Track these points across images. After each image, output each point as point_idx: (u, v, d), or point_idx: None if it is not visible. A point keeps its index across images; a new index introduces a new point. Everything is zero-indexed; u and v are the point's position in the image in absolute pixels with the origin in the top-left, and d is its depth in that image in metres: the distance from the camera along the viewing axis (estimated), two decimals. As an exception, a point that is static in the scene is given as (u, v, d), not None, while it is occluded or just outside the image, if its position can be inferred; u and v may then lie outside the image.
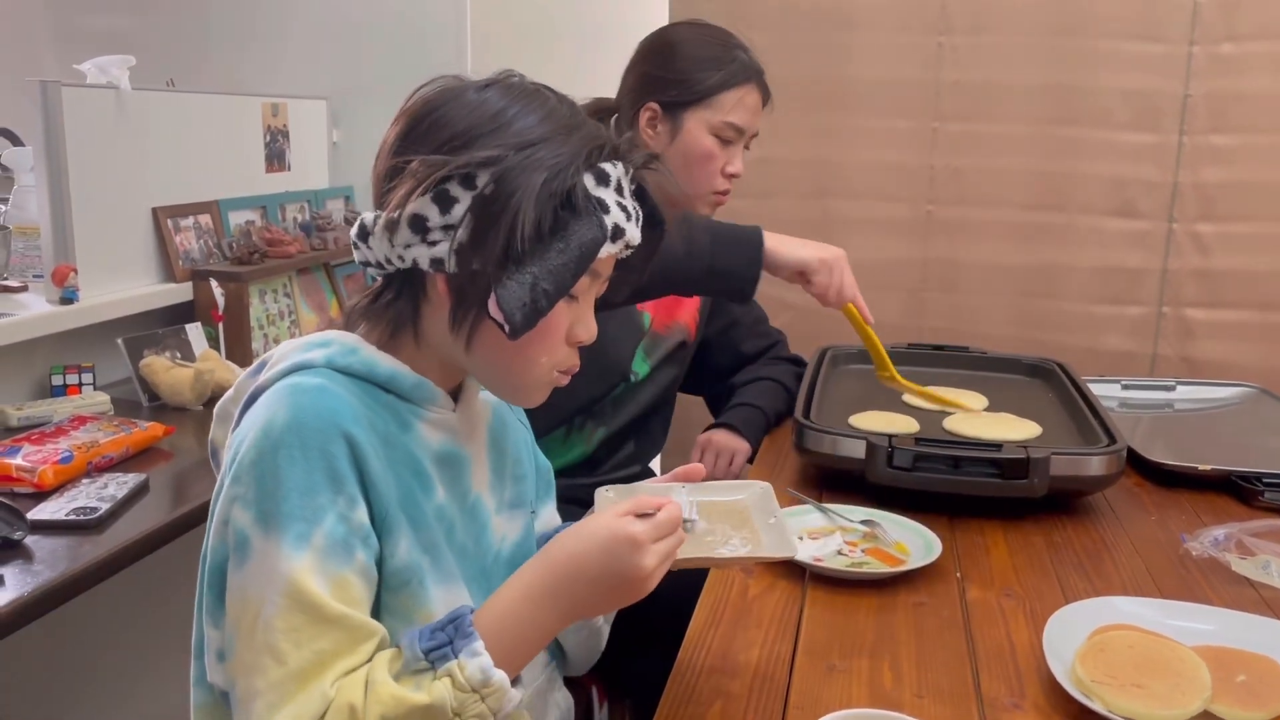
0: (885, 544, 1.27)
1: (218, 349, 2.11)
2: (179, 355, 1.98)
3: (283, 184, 2.55)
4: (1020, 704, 0.96)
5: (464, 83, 0.88)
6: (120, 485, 1.47)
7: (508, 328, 0.82)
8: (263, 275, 2.25)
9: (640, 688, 1.44)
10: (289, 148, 2.59)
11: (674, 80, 1.57)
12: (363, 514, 0.83)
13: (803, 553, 1.21)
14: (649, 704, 0.98)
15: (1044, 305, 2.18)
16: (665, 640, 1.10)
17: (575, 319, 0.90)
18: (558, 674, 1.05)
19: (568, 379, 0.93)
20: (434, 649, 0.79)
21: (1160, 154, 2.07)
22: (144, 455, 1.64)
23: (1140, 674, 0.94)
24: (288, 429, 0.81)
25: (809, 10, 2.17)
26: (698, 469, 0.98)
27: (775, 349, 1.88)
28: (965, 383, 1.74)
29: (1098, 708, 0.91)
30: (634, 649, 1.27)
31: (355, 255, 0.89)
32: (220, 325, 2.14)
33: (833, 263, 1.45)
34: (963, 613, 1.13)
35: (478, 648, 0.79)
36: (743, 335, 1.86)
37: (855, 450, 1.40)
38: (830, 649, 1.05)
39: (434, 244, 0.83)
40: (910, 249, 2.22)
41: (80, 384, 1.88)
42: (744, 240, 1.44)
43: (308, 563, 0.79)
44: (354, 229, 0.88)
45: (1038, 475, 1.34)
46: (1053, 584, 1.20)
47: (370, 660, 0.80)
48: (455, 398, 0.95)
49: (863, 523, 1.31)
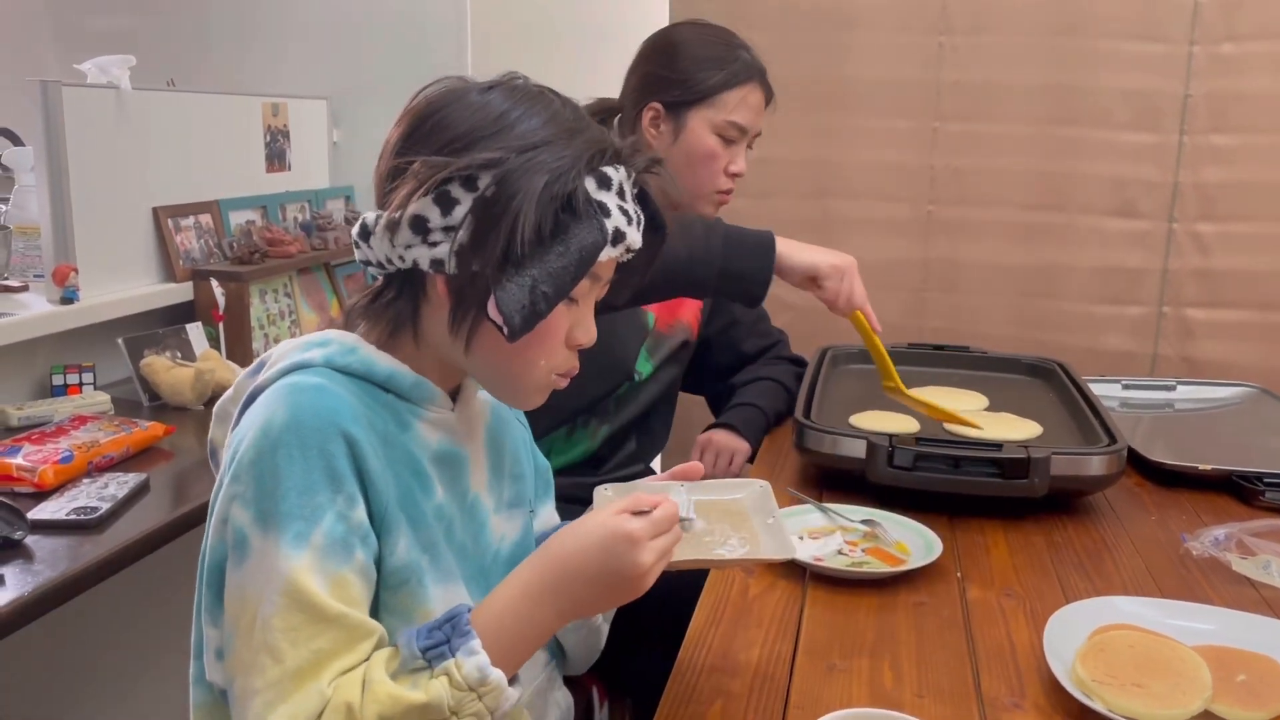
0: (886, 544, 1.27)
1: (218, 349, 2.11)
2: (179, 355, 1.99)
3: (283, 184, 2.55)
4: (1020, 704, 0.96)
5: (468, 84, 0.89)
6: (120, 485, 1.47)
7: (506, 330, 0.82)
8: (263, 275, 2.25)
9: (640, 687, 1.43)
10: (289, 147, 2.59)
11: (677, 80, 1.57)
12: (361, 513, 0.83)
13: (803, 552, 1.21)
14: (649, 703, 0.98)
15: (1044, 305, 2.18)
16: (665, 639, 1.10)
17: (575, 322, 0.90)
18: (557, 673, 1.05)
19: (566, 382, 0.93)
20: (431, 648, 0.79)
21: (1160, 154, 2.07)
22: (144, 455, 1.64)
23: (1141, 674, 0.94)
24: (287, 428, 0.81)
25: (809, 10, 2.17)
26: (696, 468, 0.98)
27: (776, 349, 1.88)
28: (965, 383, 1.74)
29: (1098, 707, 0.91)
30: (634, 648, 1.27)
31: (356, 254, 0.89)
32: (221, 325, 2.14)
33: (844, 269, 1.45)
34: (963, 612, 1.13)
35: (475, 646, 0.79)
36: (743, 335, 1.85)
37: (856, 450, 1.40)
38: (831, 648, 1.05)
39: (434, 245, 0.83)
40: (910, 249, 2.22)
41: (81, 384, 1.88)
42: (756, 244, 1.44)
43: (306, 562, 0.79)
44: (355, 228, 0.88)
45: (1038, 475, 1.34)
46: (1053, 584, 1.20)
47: (368, 659, 0.80)
48: (454, 397, 0.95)
49: (863, 522, 1.31)
